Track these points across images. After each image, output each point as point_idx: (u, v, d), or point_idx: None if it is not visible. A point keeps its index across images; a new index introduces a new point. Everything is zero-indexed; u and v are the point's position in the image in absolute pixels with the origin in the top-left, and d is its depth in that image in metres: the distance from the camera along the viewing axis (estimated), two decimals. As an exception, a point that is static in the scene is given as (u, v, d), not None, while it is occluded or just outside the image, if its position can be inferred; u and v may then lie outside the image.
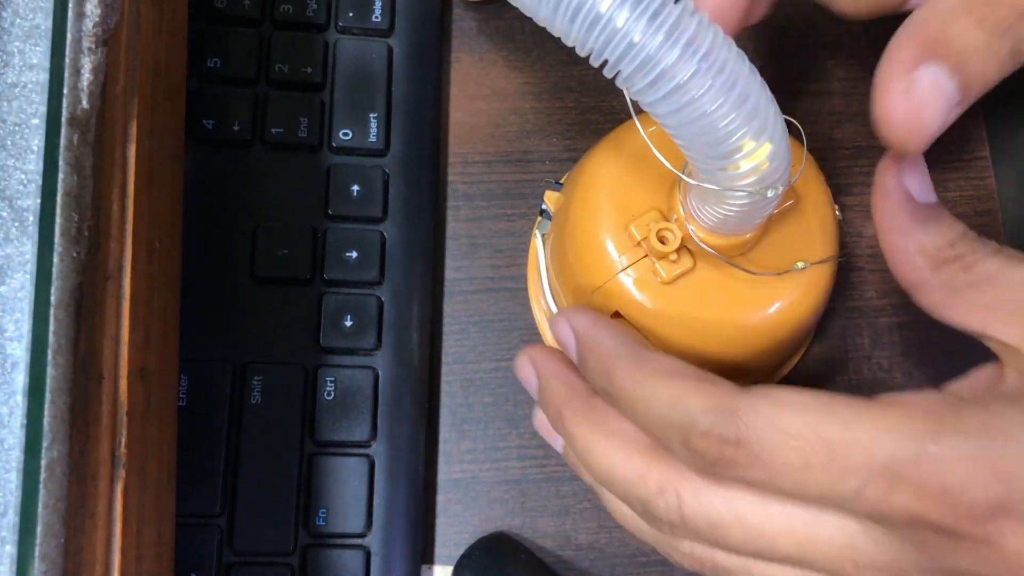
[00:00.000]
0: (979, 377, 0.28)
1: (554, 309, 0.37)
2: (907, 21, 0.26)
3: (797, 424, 0.25)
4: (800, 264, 0.32)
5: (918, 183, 0.30)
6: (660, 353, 0.28)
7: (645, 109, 0.25)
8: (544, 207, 0.39)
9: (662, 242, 0.31)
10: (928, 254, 0.29)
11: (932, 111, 0.25)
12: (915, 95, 0.25)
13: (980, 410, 0.25)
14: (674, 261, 0.31)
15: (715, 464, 0.25)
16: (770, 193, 0.26)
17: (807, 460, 0.24)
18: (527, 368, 0.32)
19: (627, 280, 0.32)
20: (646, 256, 0.32)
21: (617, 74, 0.24)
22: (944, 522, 0.23)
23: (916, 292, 0.30)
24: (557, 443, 0.32)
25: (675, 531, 0.27)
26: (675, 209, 0.31)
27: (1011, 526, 0.23)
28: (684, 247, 0.31)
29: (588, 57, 0.24)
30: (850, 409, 0.25)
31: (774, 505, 0.26)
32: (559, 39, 0.24)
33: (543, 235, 0.38)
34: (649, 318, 0.32)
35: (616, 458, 0.28)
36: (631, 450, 0.28)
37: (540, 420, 0.33)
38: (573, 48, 0.24)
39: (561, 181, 0.39)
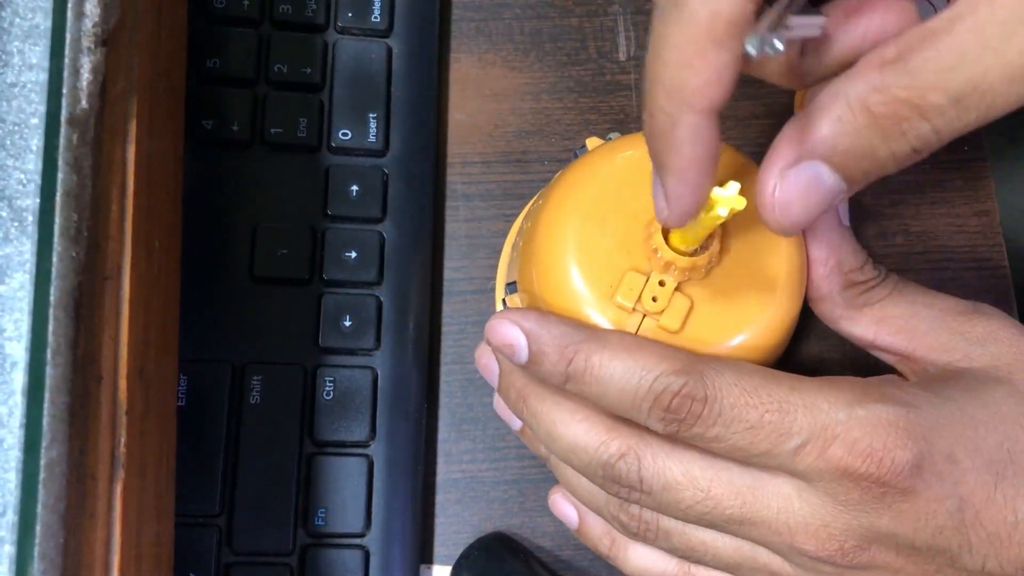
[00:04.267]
0: (887, 376, 0.32)
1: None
2: (796, 120, 0.27)
3: (754, 383, 0.28)
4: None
5: (844, 205, 0.34)
6: (614, 331, 0.30)
7: None
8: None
9: (653, 300, 0.31)
10: (843, 271, 0.33)
11: (807, 204, 0.27)
12: (785, 191, 0.27)
13: (896, 387, 0.29)
14: (673, 309, 0.31)
15: (682, 421, 0.28)
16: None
17: (760, 417, 0.27)
18: (488, 358, 0.34)
19: None
20: (645, 317, 0.31)
21: None
22: (870, 474, 0.27)
23: (819, 301, 0.34)
24: (513, 423, 0.35)
25: (631, 494, 0.30)
26: (652, 247, 0.31)
27: (926, 481, 0.27)
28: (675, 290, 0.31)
29: None
30: (792, 379, 0.29)
31: (722, 470, 0.29)
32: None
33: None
34: None
35: (579, 428, 0.30)
36: (593, 421, 0.30)
37: (497, 402, 0.35)
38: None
39: (512, 280, 0.37)
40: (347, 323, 0.38)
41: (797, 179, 0.26)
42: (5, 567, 0.22)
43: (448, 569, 0.38)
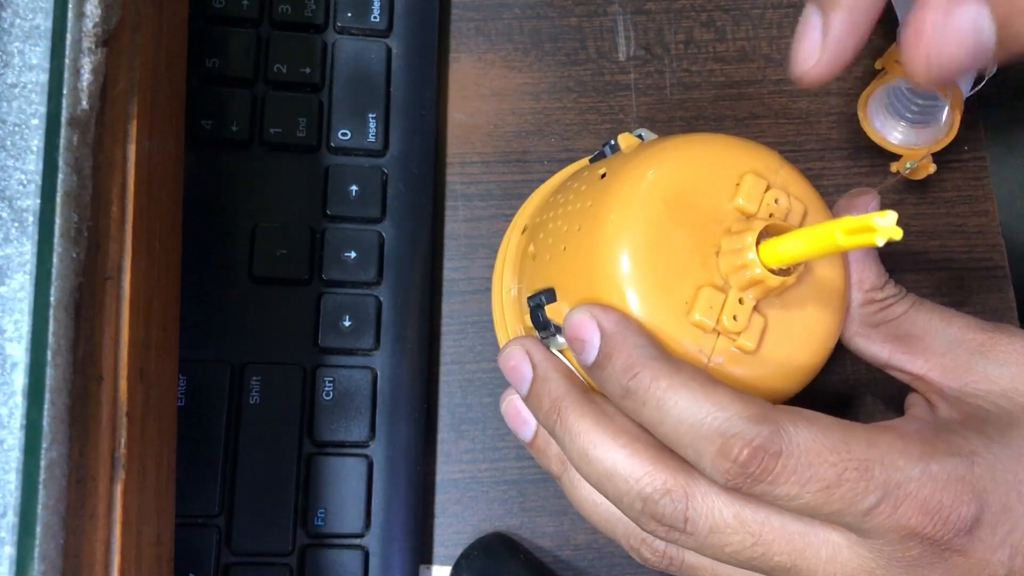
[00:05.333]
0: (918, 410, 0.32)
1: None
2: None
3: (835, 440, 0.26)
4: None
5: None
6: (690, 364, 0.28)
7: None
8: (548, 320, 0.32)
9: (734, 318, 0.29)
10: (863, 288, 0.32)
11: (959, 51, 0.24)
12: (947, 29, 0.24)
13: (955, 435, 0.28)
14: (751, 328, 0.29)
15: (750, 475, 0.26)
16: None
17: (839, 475, 0.26)
18: (521, 358, 0.31)
19: (719, 367, 0.29)
20: (721, 336, 0.29)
21: None
22: (936, 533, 0.26)
23: None
24: (524, 432, 0.33)
25: (670, 533, 0.28)
26: (739, 263, 0.29)
27: (981, 536, 0.27)
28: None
29: None
30: (865, 430, 0.27)
31: (775, 513, 0.27)
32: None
33: (560, 351, 0.33)
34: (750, 388, 0.29)
35: (619, 455, 0.28)
36: (638, 447, 0.28)
37: (510, 407, 0.33)
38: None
39: (549, 287, 0.33)
40: (346, 323, 0.38)
41: (962, 19, 0.24)
42: (5, 568, 0.22)
43: (448, 569, 0.38)
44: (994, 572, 0.27)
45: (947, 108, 0.36)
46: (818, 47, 0.26)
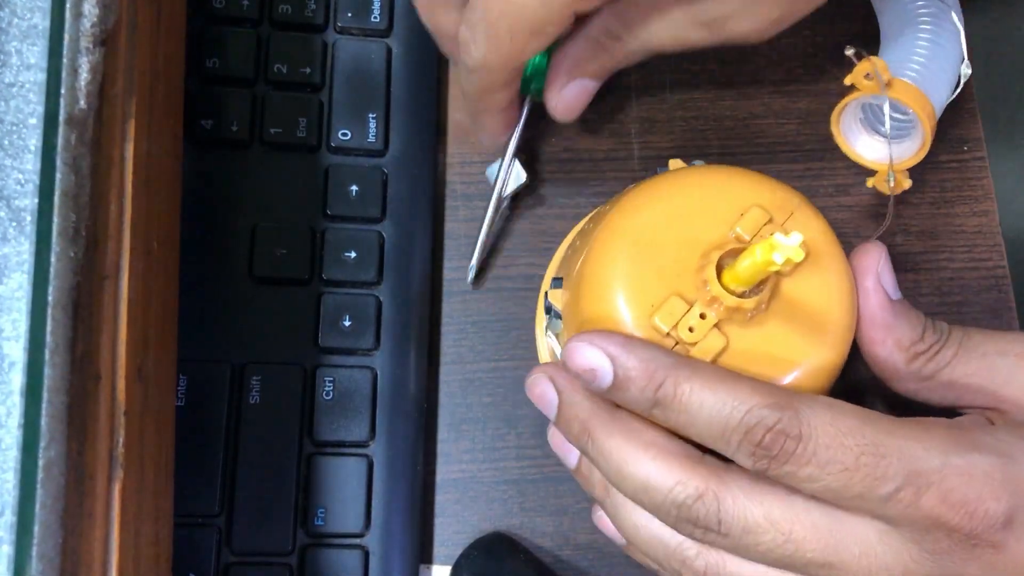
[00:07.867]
0: (967, 418, 0.32)
1: None
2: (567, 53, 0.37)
3: (850, 424, 0.27)
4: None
5: (890, 281, 0.33)
6: (704, 361, 0.30)
7: None
8: (550, 304, 0.36)
9: (690, 330, 0.30)
10: (903, 347, 0.32)
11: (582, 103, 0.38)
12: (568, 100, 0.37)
13: (988, 435, 0.29)
14: (706, 344, 0.30)
15: (774, 458, 0.27)
16: None
17: (857, 459, 0.27)
18: (545, 385, 0.32)
19: None
20: (677, 344, 0.30)
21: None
22: (962, 526, 0.26)
23: (891, 381, 0.33)
24: (570, 459, 0.34)
25: (706, 535, 0.29)
26: (703, 279, 0.30)
27: (1015, 534, 0.27)
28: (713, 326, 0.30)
29: None
30: (888, 421, 0.28)
31: (803, 511, 0.28)
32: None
33: (556, 335, 0.36)
34: None
35: (652, 466, 0.29)
36: (669, 458, 0.29)
37: (555, 436, 0.34)
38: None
39: (559, 276, 0.37)
40: (347, 323, 0.38)
41: (576, 89, 0.37)
42: (3, 567, 0.22)
43: (448, 569, 0.38)
44: None
45: (919, 123, 0.38)
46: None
